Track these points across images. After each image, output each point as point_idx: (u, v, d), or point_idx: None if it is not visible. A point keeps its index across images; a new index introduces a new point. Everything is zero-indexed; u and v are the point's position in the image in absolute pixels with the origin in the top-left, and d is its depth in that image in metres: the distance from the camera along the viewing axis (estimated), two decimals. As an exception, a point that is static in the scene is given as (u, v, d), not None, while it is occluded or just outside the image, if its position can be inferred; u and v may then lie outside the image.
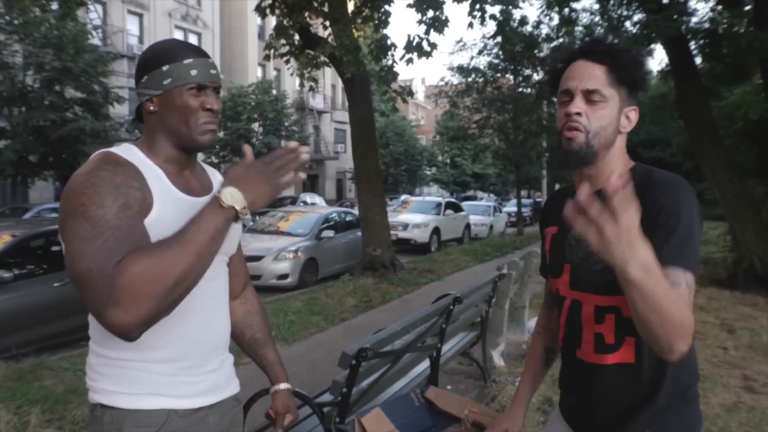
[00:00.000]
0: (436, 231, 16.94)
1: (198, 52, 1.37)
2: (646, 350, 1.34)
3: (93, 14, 22.70)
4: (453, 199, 22.55)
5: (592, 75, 1.35)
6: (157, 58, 1.34)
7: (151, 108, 1.35)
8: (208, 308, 1.39)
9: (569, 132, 1.35)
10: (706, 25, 10.23)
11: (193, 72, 1.34)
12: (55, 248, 6.54)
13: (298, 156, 1.27)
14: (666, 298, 1.08)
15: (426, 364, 3.79)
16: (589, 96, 1.34)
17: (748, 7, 9.76)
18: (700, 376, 1.45)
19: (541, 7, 14.34)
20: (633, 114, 1.39)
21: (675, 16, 9.19)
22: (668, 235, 1.24)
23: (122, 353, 1.29)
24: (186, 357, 1.34)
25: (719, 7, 10.49)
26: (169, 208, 1.29)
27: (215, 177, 1.54)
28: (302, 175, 1.28)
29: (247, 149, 1.33)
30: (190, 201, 1.34)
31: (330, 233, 11.42)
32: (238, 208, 1.19)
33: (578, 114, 1.34)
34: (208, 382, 1.39)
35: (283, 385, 1.68)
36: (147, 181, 1.28)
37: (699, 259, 1.30)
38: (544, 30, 17.53)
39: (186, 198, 1.35)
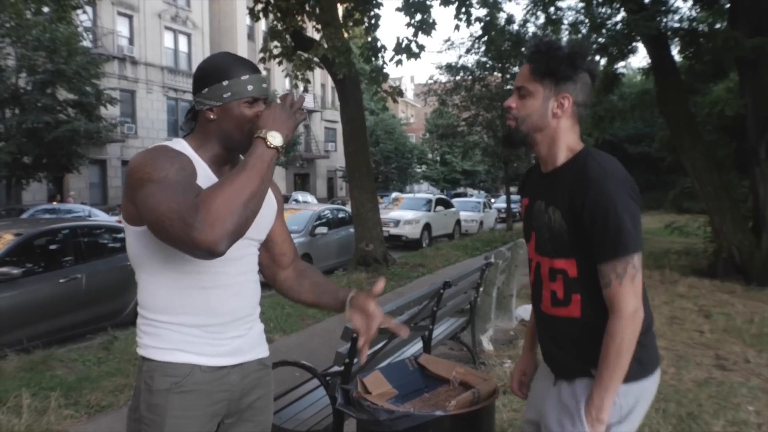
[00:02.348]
0: (427, 227, 17.26)
1: (252, 69, 1.58)
2: (591, 307, 1.62)
3: (83, 16, 22.79)
4: (443, 196, 22.86)
5: (521, 74, 1.69)
6: (218, 73, 1.55)
7: (211, 116, 1.56)
8: (232, 283, 1.60)
9: (507, 121, 1.73)
10: (685, 25, 10.57)
11: (250, 87, 1.55)
12: (54, 246, 6.76)
13: (302, 99, 1.57)
14: (623, 364, 1.52)
15: (419, 345, 4.09)
16: (519, 91, 1.69)
17: (728, 5, 10.12)
18: (653, 320, 1.70)
19: (528, 6, 14.61)
20: (565, 101, 1.64)
21: (658, 17, 9.53)
22: (603, 234, 1.53)
23: (158, 315, 1.54)
24: (209, 323, 1.56)
25: (697, 7, 10.85)
26: None
27: None
28: (305, 114, 1.63)
29: (287, 97, 1.59)
30: None
31: (323, 230, 11.68)
32: (278, 146, 1.46)
33: (509, 107, 1.70)
34: (231, 346, 1.60)
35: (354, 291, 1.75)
36: (196, 168, 1.52)
37: (642, 239, 1.57)
38: (531, 28, 17.86)
39: None
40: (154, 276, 1.55)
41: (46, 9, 14.94)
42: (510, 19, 16.96)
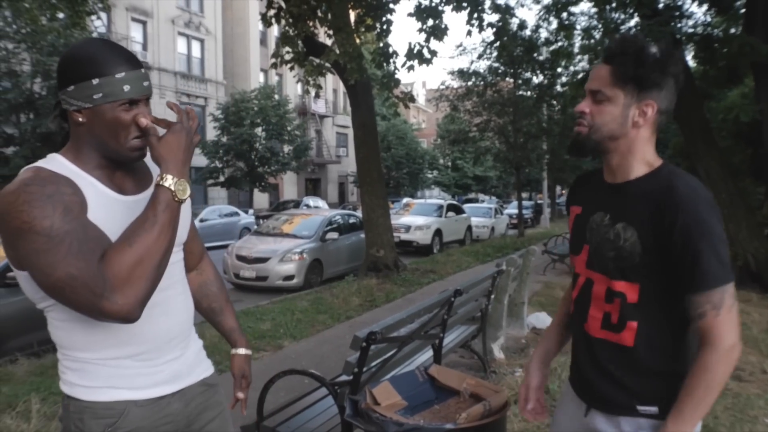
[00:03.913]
0: (438, 233, 17.20)
1: (130, 63, 1.32)
2: (646, 337, 1.48)
3: (98, 22, 22.99)
4: (455, 202, 22.79)
5: (598, 76, 1.51)
6: (87, 68, 1.28)
7: (80, 119, 1.31)
8: (157, 302, 1.37)
9: (577, 127, 1.55)
10: (699, 30, 10.48)
11: (126, 87, 1.29)
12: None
13: (195, 115, 1.39)
14: (710, 400, 1.40)
15: (430, 353, 4.05)
16: (594, 96, 1.51)
17: (743, 11, 10.03)
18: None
19: (540, 11, 14.59)
20: (649, 109, 1.48)
21: (672, 22, 9.46)
22: (697, 261, 1.37)
23: (79, 353, 1.35)
24: (139, 351, 1.38)
25: (711, 12, 10.76)
26: (102, 210, 1.31)
27: (154, 168, 1.53)
28: (199, 136, 1.43)
29: (172, 104, 1.38)
30: (125, 200, 1.38)
31: (334, 235, 11.67)
32: (186, 197, 1.31)
33: (582, 112, 1.53)
34: (168, 372, 1.43)
35: (241, 350, 1.77)
36: (80, 188, 1.29)
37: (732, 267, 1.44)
38: (543, 34, 17.80)
39: (120, 198, 1.38)
40: (63, 313, 1.32)
41: (61, 15, 15.06)
42: (522, 25, 16.94)
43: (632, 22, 11.38)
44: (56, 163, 1.32)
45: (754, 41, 8.43)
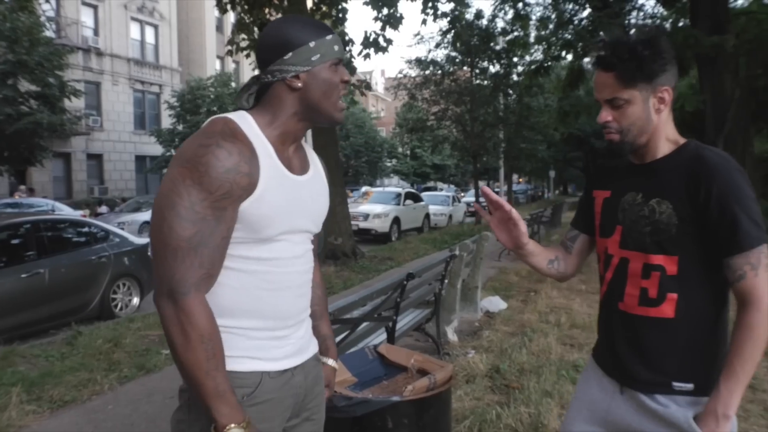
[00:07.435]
0: (396, 221, 17.35)
1: (330, 29, 1.43)
2: (686, 308, 1.50)
3: (46, 5, 22.28)
4: (413, 190, 22.97)
5: (606, 84, 1.53)
6: (302, 35, 1.37)
7: (298, 84, 1.38)
8: (299, 283, 1.47)
9: (607, 136, 1.59)
10: (648, 22, 10.80)
11: (336, 47, 1.41)
12: (16, 241, 6.62)
13: None
14: (757, 358, 1.41)
15: (383, 335, 4.15)
16: (612, 103, 1.54)
17: (689, 4, 10.37)
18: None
19: (496, 1, 14.76)
20: (666, 94, 1.53)
21: (622, 14, 9.74)
22: (734, 224, 1.42)
23: (222, 320, 1.33)
24: (277, 326, 1.42)
25: (659, 5, 11.11)
26: (272, 185, 1.35)
27: (312, 156, 1.61)
28: None
29: None
30: (292, 179, 1.42)
31: (292, 223, 11.65)
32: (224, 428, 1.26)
33: (607, 122, 1.56)
34: (294, 346, 1.46)
35: (330, 361, 1.73)
36: (258, 158, 1.33)
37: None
38: (500, 24, 18.06)
39: (289, 175, 1.41)
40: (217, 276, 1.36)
41: (6, -2, 14.60)
42: (479, 14, 17.14)
43: (585, 13, 11.68)
44: (246, 123, 1.37)
45: (699, 33, 8.74)
